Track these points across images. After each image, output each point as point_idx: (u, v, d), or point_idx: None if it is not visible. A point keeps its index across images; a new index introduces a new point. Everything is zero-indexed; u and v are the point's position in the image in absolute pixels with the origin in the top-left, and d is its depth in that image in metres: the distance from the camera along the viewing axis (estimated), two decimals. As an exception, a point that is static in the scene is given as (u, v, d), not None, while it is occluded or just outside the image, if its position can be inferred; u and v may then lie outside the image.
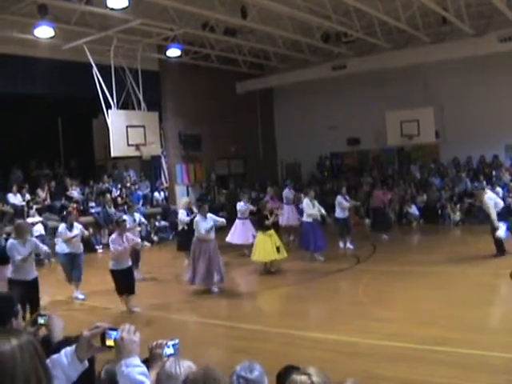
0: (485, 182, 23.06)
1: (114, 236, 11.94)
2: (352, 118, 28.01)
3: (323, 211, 17.51)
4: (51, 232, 19.69)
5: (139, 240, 13.07)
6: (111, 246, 11.77)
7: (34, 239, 11.47)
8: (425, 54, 22.85)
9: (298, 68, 26.70)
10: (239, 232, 18.01)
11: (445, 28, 21.83)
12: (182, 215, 16.90)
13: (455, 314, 10.17)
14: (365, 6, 18.19)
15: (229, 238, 18.05)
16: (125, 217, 14.67)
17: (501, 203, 15.43)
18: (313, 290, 13.55)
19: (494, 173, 24.26)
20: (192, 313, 12.23)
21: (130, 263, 12.11)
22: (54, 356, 2.90)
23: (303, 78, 26.96)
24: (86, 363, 2.96)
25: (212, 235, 13.56)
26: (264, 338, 9.46)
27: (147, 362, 3.27)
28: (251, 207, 18.40)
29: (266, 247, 15.21)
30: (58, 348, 3.31)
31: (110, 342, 2.92)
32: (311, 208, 16.98)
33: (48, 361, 2.74)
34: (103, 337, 2.94)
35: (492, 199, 15.26)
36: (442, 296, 11.67)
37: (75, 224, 13.88)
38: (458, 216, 22.86)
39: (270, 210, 16.25)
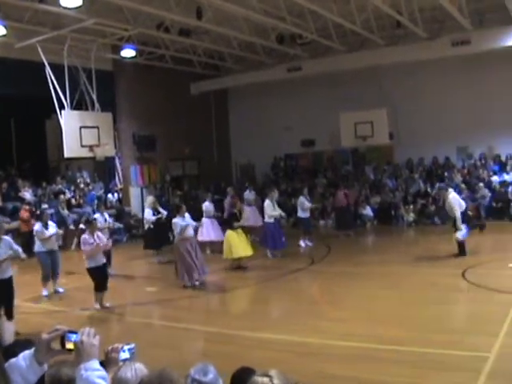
0: (438, 184, 23.42)
1: (85, 235, 11.90)
2: (307, 119, 28.17)
3: (282, 213, 17.96)
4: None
5: (109, 241, 13.06)
6: (82, 246, 11.79)
7: (8, 238, 11.16)
8: (379, 56, 23.10)
9: (253, 69, 26.74)
10: (212, 229, 18.17)
11: (399, 31, 22.09)
12: (148, 214, 17.13)
13: (408, 313, 10.29)
14: (319, 8, 18.30)
15: (202, 237, 18.06)
16: (97, 215, 14.88)
17: (463, 204, 15.66)
18: (267, 291, 13.61)
19: (446, 174, 24.61)
20: (149, 315, 12.14)
21: (104, 260, 12.22)
22: (12, 360, 2.86)
23: (258, 80, 27.01)
24: (45, 367, 2.91)
25: (192, 232, 14.01)
26: (221, 340, 9.43)
27: (102, 366, 3.23)
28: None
29: (241, 244, 15.53)
30: (8, 351, 3.26)
31: (69, 345, 2.89)
32: (272, 209, 17.25)
33: (6, 364, 2.70)
34: (63, 340, 2.90)
35: (456, 199, 15.49)
36: (396, 296, 11.80)
37: (49, 222, 13.98)
38: (411, 217, 23.14)
39: (239, 208, 16.52)
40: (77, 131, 19.90)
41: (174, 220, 13.87)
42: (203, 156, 29.55)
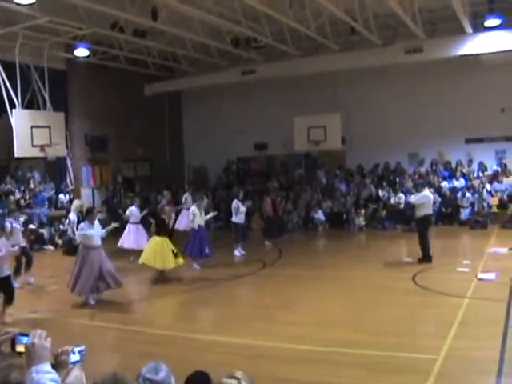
0: (391, 189, 23.80)
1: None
2: (260, 122, 28.23)
3: (208, 216, 17.47)
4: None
5: (15, 248, 12.35)
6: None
7: None
8: (333, 61, 23.26)
9: (208, 71, 26.65)
10: (133, 236, 17.63)
11: (353, 37, 22.28)
12: (72, 220, 16.30)
13: (359, 316, 10.39)
14: (275, 12, 18.33)
15: (121, 243, 17.68)
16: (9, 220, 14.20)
17: (430, 204, 15.96)
18: (217, 295, 13.51)
19: (397, 179, 24.93)
20: (93, 317, 11.93)
21: (8, 272, 11.30)
22: None
23: (212, 82, 26.93)
24: None
25: (99, 242, 12.74)
26: (167, 342, 9.38)
27: (52, 369, 3.17)
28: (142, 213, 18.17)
29: (165, 253, 14.73)
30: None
31: (20, 348, 2.84)
32: (196, 215, 16.55)
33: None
34: (13, 342, 2.85)
35: (427, 197, 15.81)
36: (347, 299, 11.92)
37: None
38: (362, 221, 23.36)
39: (169, 214, 15.96)
40: (28, 131, 19.64)
41: (81, 225, 12.94)
42: (156, 157, 29.36)
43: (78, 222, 15.75)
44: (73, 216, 16.56)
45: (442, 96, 24.40)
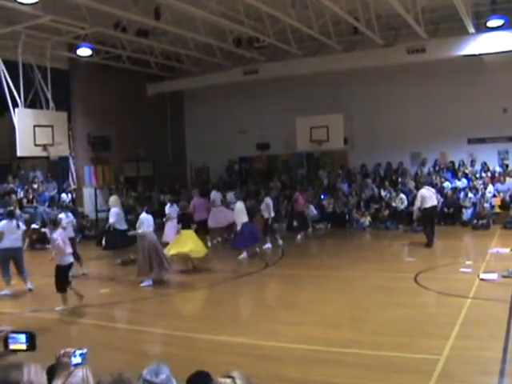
0: (393, 189, 23.80)
1: (58, 233, 11.66)
2: (262, 122, 28.23)
3: None
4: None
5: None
6: (59, 242, 11.45)
7: None
8: (336, 61, 23.30)
9: (210, 71, 26.63)
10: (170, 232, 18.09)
11: (356, 37, 22.27)
12: (117, 215, 16.88)
13: (362, 316, 10.37)
14: (278, 12, 18.34)
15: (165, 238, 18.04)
16: (62, 215, 14.67)
17: (434, 201, 17.30)
18: (220, 294, 13.56)
19: (399, 179, 24.93)
20: (97, 317, 11.94)
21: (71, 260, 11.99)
22: None
23: (214, 82, 26.91)
24: None
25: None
26: (170, 342, 9.37)
27: (53, 369, 3.15)
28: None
29: (185, 242, 15.31)
30: None
31: (13, 346, 2.81)
32: (243, 210, 17.58)
33: None
34: (6, 341, 2.83)
35: (424, 194, 17.22)
36: (349, 299, 11.89)
37: None
38: (365, 221, 23.34)
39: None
40: (30, 130, 19.67)
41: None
42: (158, 157, 29.39)
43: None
44: (114, 210, 16.98)
45: (444, 96, 24.39)
